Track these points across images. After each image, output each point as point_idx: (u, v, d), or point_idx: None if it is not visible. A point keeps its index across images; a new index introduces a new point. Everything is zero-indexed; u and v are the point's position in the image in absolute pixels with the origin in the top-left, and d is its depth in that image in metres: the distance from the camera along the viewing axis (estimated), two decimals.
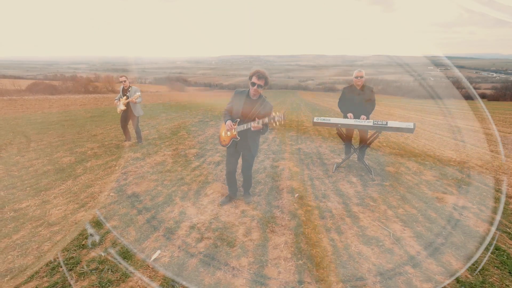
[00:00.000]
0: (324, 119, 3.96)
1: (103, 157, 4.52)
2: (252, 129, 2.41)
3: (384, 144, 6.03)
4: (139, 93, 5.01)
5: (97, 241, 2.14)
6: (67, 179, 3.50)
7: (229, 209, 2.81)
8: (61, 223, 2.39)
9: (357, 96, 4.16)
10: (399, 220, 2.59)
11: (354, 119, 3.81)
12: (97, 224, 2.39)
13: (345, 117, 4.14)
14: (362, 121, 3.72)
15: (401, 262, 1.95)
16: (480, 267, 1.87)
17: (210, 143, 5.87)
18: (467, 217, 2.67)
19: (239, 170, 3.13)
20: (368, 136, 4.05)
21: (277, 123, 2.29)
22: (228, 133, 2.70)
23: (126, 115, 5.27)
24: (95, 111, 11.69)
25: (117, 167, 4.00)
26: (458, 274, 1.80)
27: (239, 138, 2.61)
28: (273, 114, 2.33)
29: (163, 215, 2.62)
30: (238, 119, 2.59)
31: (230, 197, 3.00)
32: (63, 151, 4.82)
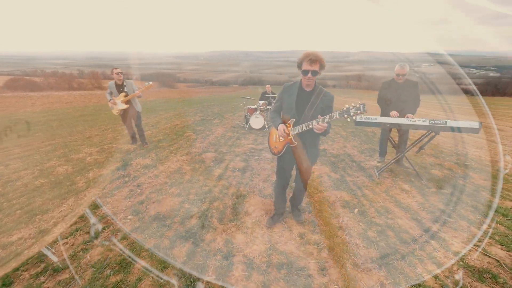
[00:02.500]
0: (368, 118, 3.45)
1: (106, 165, 3.83)
2: (315, 130, 1.84)
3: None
4: (150, 82, 4.33)
5: None
6: (67, 197, 2.81)
7: (282, 233, 2.26)
8: (71, 269, 1.76)
9: (400, 92, 3.68)
10: (495, 242, 2.13)
11: (405, 118, 3.33)
12: (122, 266, 1.77)
13: (386, 115, 3.68)
14: (416, 120, 3.24)
15: None
16: None
17: (223, 145, 5.26)
18: None
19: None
20: (421, 137, 3.57)
21: (354, 118, 1.72)
22: (281, 138, 2.14)
23: (127, 113, 4.55)
24: (84, 110, 10.72)
25: (127, 178, 3.33)
26: None
27: (295, 143, 2.05)
28: (347, 105, 1.74)
29: (205, 246, 2.03)
30: (293, 119, 2.03)
31: (278, 216, 2.44)
32: (56, 159, 4.07)
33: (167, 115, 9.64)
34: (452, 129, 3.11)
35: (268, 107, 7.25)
